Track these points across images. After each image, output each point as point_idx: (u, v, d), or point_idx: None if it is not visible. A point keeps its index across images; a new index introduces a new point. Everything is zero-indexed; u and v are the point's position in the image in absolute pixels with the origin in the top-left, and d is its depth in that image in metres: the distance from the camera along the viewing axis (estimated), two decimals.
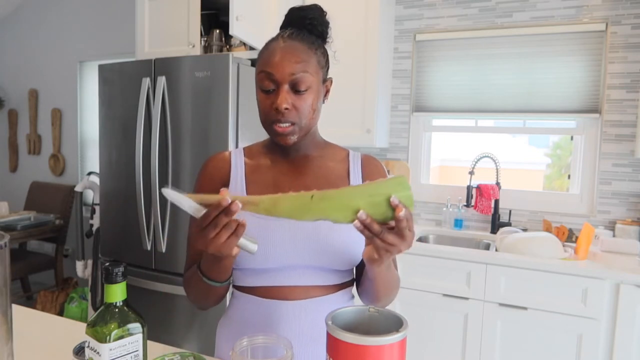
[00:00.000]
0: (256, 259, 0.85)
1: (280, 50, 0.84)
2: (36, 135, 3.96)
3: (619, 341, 1.77)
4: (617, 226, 2.18)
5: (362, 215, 0.65)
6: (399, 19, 2.65)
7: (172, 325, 2.13)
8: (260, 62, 0.87)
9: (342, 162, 0.96)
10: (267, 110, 0.85)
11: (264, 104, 0.86)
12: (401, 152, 2.70)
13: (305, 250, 0.86)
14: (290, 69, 0.82)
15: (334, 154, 0.97)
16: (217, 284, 0.81)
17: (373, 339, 0.55)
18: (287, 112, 0.83)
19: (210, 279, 0.80)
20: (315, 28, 0.89)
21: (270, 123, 0.86)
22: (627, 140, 2.23)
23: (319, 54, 0.87)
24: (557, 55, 2.33)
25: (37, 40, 3.89)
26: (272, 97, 0.85)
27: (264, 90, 0.85)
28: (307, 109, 0.85)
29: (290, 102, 0.83)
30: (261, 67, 0.86)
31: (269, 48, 0.86)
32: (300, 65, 0.83)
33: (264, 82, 0.85)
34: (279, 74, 0.83)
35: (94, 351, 0.63)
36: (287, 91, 0.83)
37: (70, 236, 3.63)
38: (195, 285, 0.85)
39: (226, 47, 2.41)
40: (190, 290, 0.89)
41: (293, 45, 0.84)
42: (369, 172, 0.96)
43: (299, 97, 0.84)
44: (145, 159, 2.14)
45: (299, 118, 0.85)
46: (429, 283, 2.05)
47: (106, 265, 0.64)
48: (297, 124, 0.85)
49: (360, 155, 0.98)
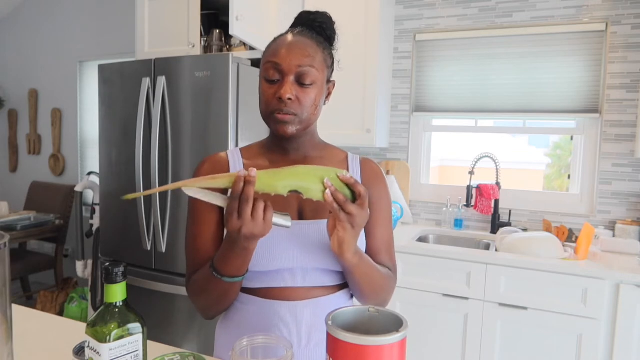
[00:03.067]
0: (261, 261, 0.85)
1: (289, 43, 0.85)
2: (36, 135, 3.96)
3: (619, 341, 1.77)
4: (617, 226, 2.18)
5: (328, 182, 0.71)
6: (399, 19, 2.65)
7: (172, 325, 2.13)
8: (267, 53, 0.88)
9: (341, 164, 0.96)
10: (269, 99, 0.85)
11: (267, 93, 0.86)
12: (401, 152, 2.70)
13: (309, 252, 0.86)
14: (297, 61, 0.83)
15: (332, 156, 0.97)
16: (236, 279, 0.79)
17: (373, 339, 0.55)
18: (289, 103, 0.83)
19: (229, 276, 0.78)
20: (324, 31, 0.91)
21: (272, 112, 0.85)
22: (627, 140, 2.23)
23: (326, 53, 0.89)
24: (557, 55, 2.33)
25: (37, 40, 3.89)
26: (275, 87, 0.85)
27: (268, 80, 0.86)
28: (309, 103, 0.85)
29: (294, 93, 0.84)
30: (268, 58, 0.86)
31: (278, 41, 0.88)
32: (308, 59, 0.84)
33: (270, 72, 0.85)
34: (286, 65, 0.83)
35: (94, 351, 0.63)
36: (292, 82, 0.84)
37: (70, 236, 3.63)
38: (209, 289, 0.82)
39: (226, 47, 2.41)
40: (202, 296, 0.85)
41: (302, 40, 0.86)
42: (367, 175, 0.96)
43: (303, 90, 0.85)
44: (145, 159, 2.14)
45: (301, 110, 0.85)
46: (429, 283, 2.05)
47: (106, 265, 0.64)
48: (298, 115, 0.85)
49: (359, 157, 0.99)
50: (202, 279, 0.84)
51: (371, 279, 0.86)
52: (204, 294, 0.85)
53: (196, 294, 0.87)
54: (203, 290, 0.84)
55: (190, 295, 0.89)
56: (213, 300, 0.85)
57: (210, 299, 0.84)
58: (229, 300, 0.86)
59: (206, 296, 0.84)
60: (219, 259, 0.79)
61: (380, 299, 0.91)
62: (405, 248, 2.08)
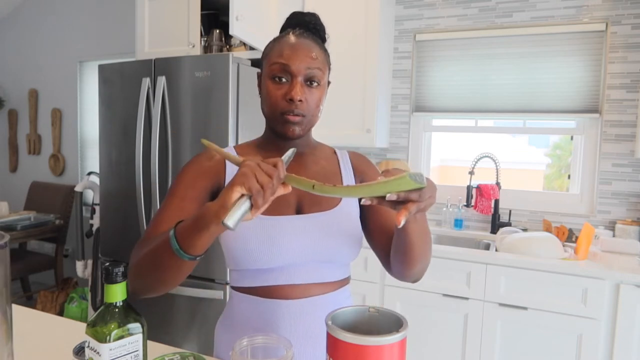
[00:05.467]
0: (261, 259, 0.85)
1: (296, 44, 0.86)
2: (36, 135, 3.96)
3: (619, 341, 1.77)
4: (617, 226, 2.18)
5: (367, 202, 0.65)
6: (399, 19, 2.65)
7: (172, 325, 2.13)
8: (273, 54, 0.87)
9: (331, 158, 1.00)
10: (277, 100, 0.86)
11: (274, 94, 0.86)
12: (401, 152, 2.70)
13: (309, 246, 0.86)
14: (306, 62, 0.85)
15: (322, 152, 1.00)
16: (190, 258, 0.70)
17: (373, 339, 0.55)
18: (300, 104, 0.85)
19: (191, 254, 0.69)
20: (318, 32, 0.94)
21: (281, 113, 0.86)
22: (627, 140, 2.23)
23: (326, 54, 0.92)
24: (557, 55, 2.33)
25: (37, 40, 3.89)
26: (284, 87, 0.86)
27: (276, 81, 0.86)
28: (315, 104, 0.88)
29: (304, 95, 0.85)
30: (275, 59, 0.86)
31: (282, 41, 0.88)
32: (315, 61, 0.86)
33: (277, 73, 0.86)
34: (295, 66, 0.84)
35: (94, 351, 0.63)
36: (301, 84, 0.86)
37: (70, 236, 3.64)
38: (156, 256, 0.73)
39: (226, 47, 2.41)
40: (145, 262, 0.75)
41: (307, 41, 0.88)
42: (358, 162, 1.01)
43: (310, 91, 0.87)
44: (145, 159, 2.14)
45: (308, 111, 0.87)
46: (429, 283, 2.05)
47: (106, 265, 0.64)
48: (306, 116, 0.87)
49: (346, 152, 1.03)
50: (155, 244, 0.74)
51: (425, 233, 0.80)
52: (152, 260, 0.74)
53: (142, 258, 0.76)
54: (152, 256, 0.74)
55: (132, 257, 0.80)
56: (159, 273, 0.74)
57: (157, 269, 0.74)
58: (174, 282, 0.76)
59: (152, 265, 0.74)
60: (185, 228, 0.69)
61: (427, 259, 0.86)
62: None
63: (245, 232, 0.85)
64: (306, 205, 0.90)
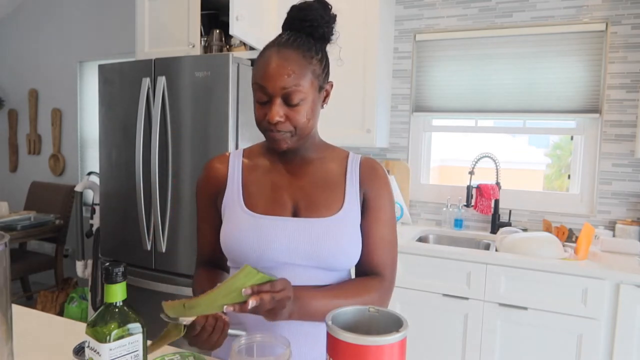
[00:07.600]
0: (251, 255, 0.86)
1: (273, 62, 0.82)
2: (36, 135, 3.96)
3: (619, 341, 1.77)
4: (617, 226, 2.18)
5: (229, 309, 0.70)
6: (399, 19, 2.65)
7: None
8: (254, 73, 0.86)
9: (340, 164, 0.95)
10: (260, 119, 0.87)
11: (258, 113, 0.87)
12: (401, 152, 2.70)
13: (299, 249, 0.86)
14: (281, 82, 0.81)
15: (333, 156, 0.96)
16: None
17: (373, 339, 0.55)
18: (279, 124, 0.84)
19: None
20: (316, 30, 0.87)
21: (264, 130, 0.88)
22: (627, 140, 2.23)
23: (314, 62, 0.85)
24: (557, 55, 2.33)
25: (37, 40, 3.89)
26: (265, 108, 0.85)
27: (257, 102, 0.86)
28: (301, 120, 0.85)
29: (283, 114, 0.83)
30: (255, 79, 0.85)
31: (263, 57, 0.85)
32: (292, 79, 0.82)
33: (257, 94, 0.85)
34: (271, 88, 0.82)
35: (94, 351, 0.63)
36: (280, 104, 0.83)
37: (70, 236, 3.63)
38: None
39: (226, 47, 2.41)
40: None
41: (287, 55, 0.82)
42: (365, 173, 0.94)
43: (292, 109, 0.84)
44: (145, 159, 2.14)
45: (293, 127, 0.85)
46: (429, 283, 2.05)
47: (106, 265, 0.64)
48: (291, 132, 0.85)
49: (360, 157, 0.97)
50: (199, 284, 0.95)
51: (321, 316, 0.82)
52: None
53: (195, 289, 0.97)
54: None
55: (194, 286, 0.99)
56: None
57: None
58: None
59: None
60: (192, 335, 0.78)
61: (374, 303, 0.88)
62: (405, 248, 2.08)
63: (240, 226, 0.87)
64: (302, 209, 0.90)
